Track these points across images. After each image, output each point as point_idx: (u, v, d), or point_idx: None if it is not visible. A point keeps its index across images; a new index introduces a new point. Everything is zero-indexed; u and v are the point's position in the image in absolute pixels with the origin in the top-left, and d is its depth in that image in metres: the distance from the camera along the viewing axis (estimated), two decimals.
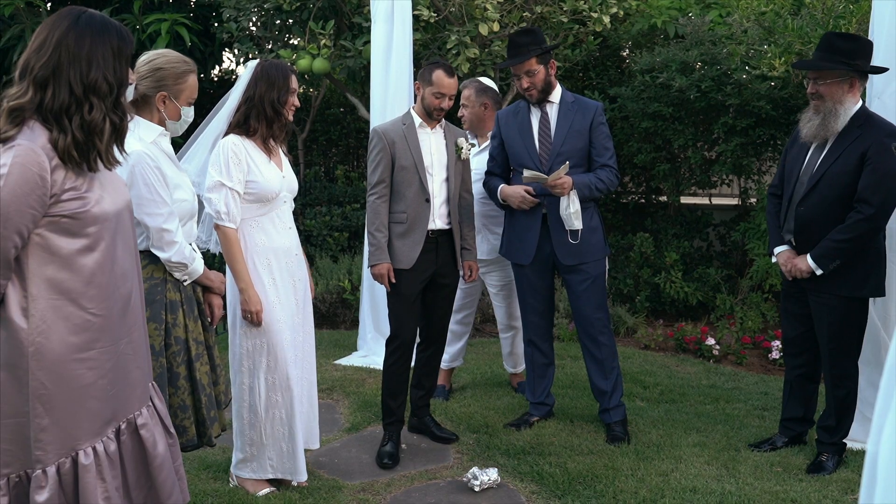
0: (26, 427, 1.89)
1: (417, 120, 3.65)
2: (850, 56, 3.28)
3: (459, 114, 4.39)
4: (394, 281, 3.57)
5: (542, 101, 3.81)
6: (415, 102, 3.79)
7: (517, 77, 3.80)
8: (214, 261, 3.22)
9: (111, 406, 2.02)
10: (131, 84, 2.16)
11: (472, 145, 3.92)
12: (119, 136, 2.00)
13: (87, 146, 1.90)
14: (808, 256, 3.38)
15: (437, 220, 3.65)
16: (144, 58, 2.63)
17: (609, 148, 3.84)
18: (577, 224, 3.69)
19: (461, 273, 3.78)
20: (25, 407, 1.88)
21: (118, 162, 2.01)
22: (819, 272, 3.36)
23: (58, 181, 1.86)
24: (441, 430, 3.88)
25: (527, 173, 3.67)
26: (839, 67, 3.28)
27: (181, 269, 2.65)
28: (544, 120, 3.82)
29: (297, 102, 3.20)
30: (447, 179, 3.68)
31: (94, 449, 1.98)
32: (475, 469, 3.33)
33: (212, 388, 2.77)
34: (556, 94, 3.84)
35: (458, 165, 3.73)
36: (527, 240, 3.85)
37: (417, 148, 3.60)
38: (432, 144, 3.66)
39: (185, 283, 2.70)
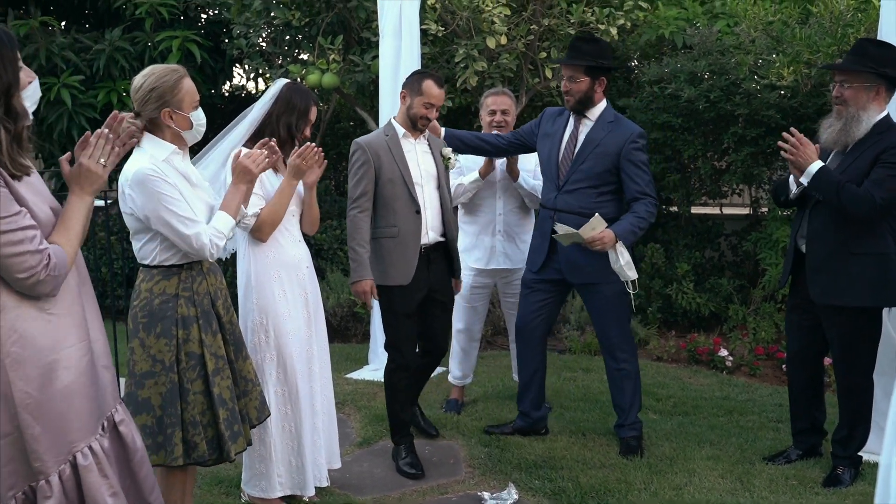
0: (20, 441, 1.89)
1: (401, 130, 3.58)
2: (880, 62, 3.22)
3: (500, 120, 4.16)
4: (376, 298, 3.50)
5: (578, 112, 3.74)
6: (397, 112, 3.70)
7: (563, 76, 3.75)
8: (228, 271, 3.20)
9: (96, 402, 2.02)
10: (23, 90, 1.94)
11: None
12: (19, 141, 1.88)
13: None
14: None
15: (431, 232, 3.59)
16: (136, 84, 2.60)
17: (642, 176, 3.62)
18: (632, 274, 3.56)
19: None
20: (15, 421, 1.87)
21: (26, 171, 1.91)
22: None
23: None
24: (427, 423, 4.01)
25: (560, 229, 3.53)
26: (867, 70, 3.22)
27: (225, 245, 2.73)
28: (575, 133, 3.76)
29: (307, 133, 3.23)
30: (438, 188, 3.63)
31: (91, 448, 1.98)
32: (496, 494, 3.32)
33: (234, 402, 2.73)
34: (596, 111, 3.72)
35: (447, 175, 3.70)
36: (537, 250, 3.87)
37: (403, 159, 3.53)
38: (418, 155, 3.60)
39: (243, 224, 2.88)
